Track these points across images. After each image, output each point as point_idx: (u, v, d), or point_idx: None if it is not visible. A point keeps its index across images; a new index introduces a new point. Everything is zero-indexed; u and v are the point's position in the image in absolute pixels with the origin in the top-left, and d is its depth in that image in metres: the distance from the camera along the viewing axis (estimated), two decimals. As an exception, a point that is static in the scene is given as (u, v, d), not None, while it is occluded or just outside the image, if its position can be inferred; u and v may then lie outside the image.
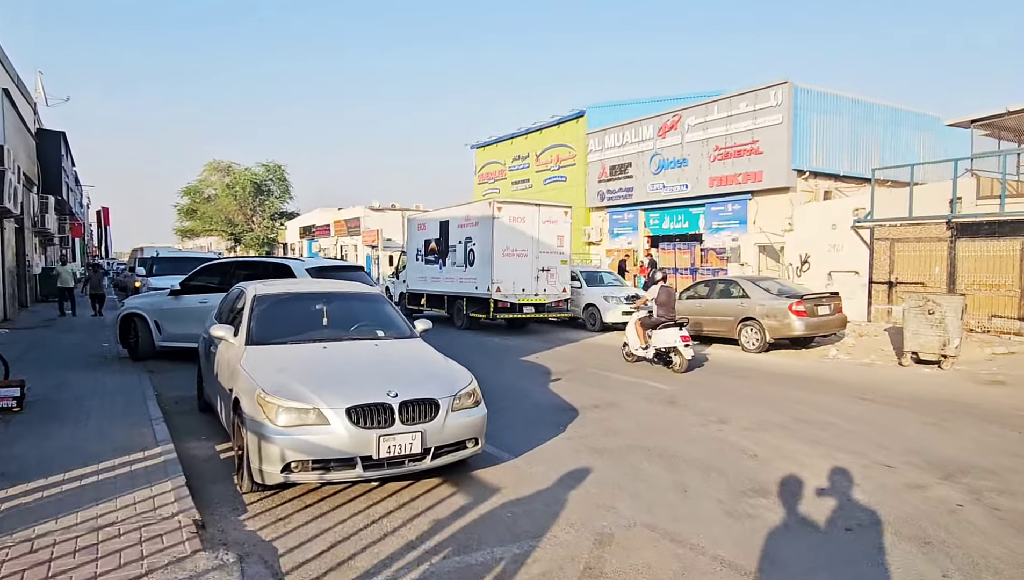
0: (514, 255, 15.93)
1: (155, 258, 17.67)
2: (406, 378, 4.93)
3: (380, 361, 5.26)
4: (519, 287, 15.84)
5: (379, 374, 4.93)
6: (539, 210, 17.12)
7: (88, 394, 7.56)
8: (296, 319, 5.96)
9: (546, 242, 16.60)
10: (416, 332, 6.17)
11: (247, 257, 12.27)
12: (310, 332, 5.80)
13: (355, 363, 5.15)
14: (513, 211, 16.58)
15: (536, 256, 16.29)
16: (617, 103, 34.78)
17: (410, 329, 6.17)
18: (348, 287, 6.67)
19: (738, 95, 25.89)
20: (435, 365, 5.35)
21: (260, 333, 5.53)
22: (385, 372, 4.99)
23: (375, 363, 5.19)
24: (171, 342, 10.71)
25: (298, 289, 6.32)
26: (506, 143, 40.78)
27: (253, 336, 5.48)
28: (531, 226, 16.50)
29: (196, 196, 59.18)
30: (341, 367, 5.03)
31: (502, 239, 15.91)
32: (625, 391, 8.94)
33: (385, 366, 5.16)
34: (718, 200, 27.38)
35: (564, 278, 16.80)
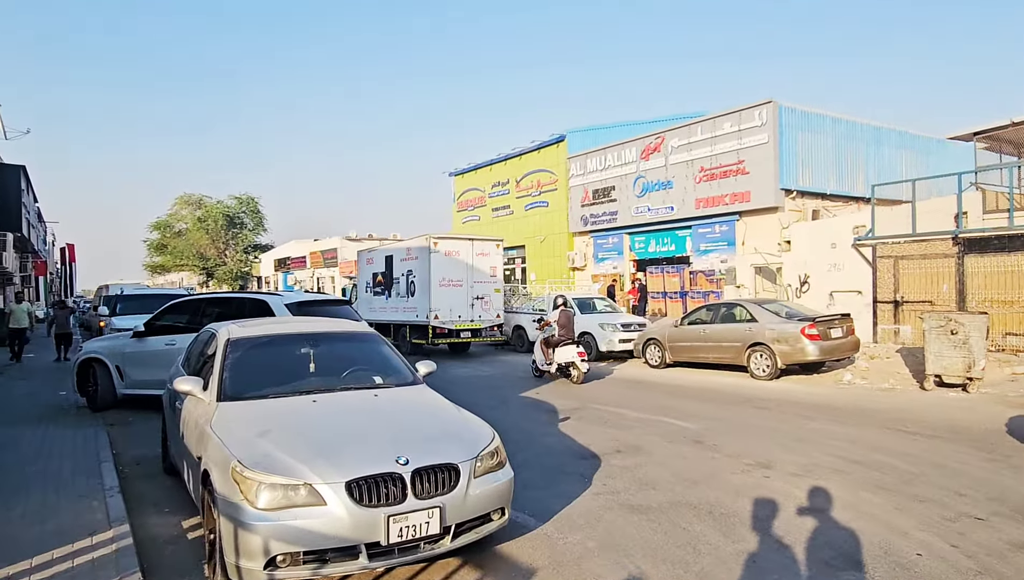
0: (450, 285, 17.49)
1: (119, 296, 16.45)
2: (416, 438, 4.04)
3: (383, 417, 4.35)
4: (456, 314, 17.37)
5: (383, 434, 4.03)
6: (472, 244, 18.60)
7: (33, 457, 6.50)
8: (278, 367, 5.04)
9: (480, 273, 18.15)
10: (420, 377, 5.29)
11: (219, 293, 11.26)
12: (295, 382, 4.88)
13: (352, 421, 4.24)
14: (448, 246, 18.07)
15: (471, 285, 17.84)
16: (597, 127, 34.51)
17: (412, 373, 5.28)
18: (337, 326, 5.77)
19: (722, 115, 25.64)
20: (449, 419, 4.46)
21: (235, 386, 4.60)
22: (390, 431, 4.10)
23: (377, 420, 4.29)
24: (135, 389, 9.64)
25: (279, 330, 5.40)
26: (485, 170, 40.24)
27: (226, 390, 4.55)
28: (465, 258, 18.07)
29: (166, 230, 57.64)
30: (336, 427, 4.12)
31: (438, 271, 17.46)
32: (644, 431, 8.09)
33: (389, 423, 4.25)
34: (705, 222, 26.95)
35: (497, 305, 18.35)
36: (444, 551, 3.81)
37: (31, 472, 5.87)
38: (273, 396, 4.54)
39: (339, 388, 4.78)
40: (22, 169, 24.17)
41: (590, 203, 32.39)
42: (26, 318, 16.11)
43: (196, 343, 5.95)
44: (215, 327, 5.56)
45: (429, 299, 17.19)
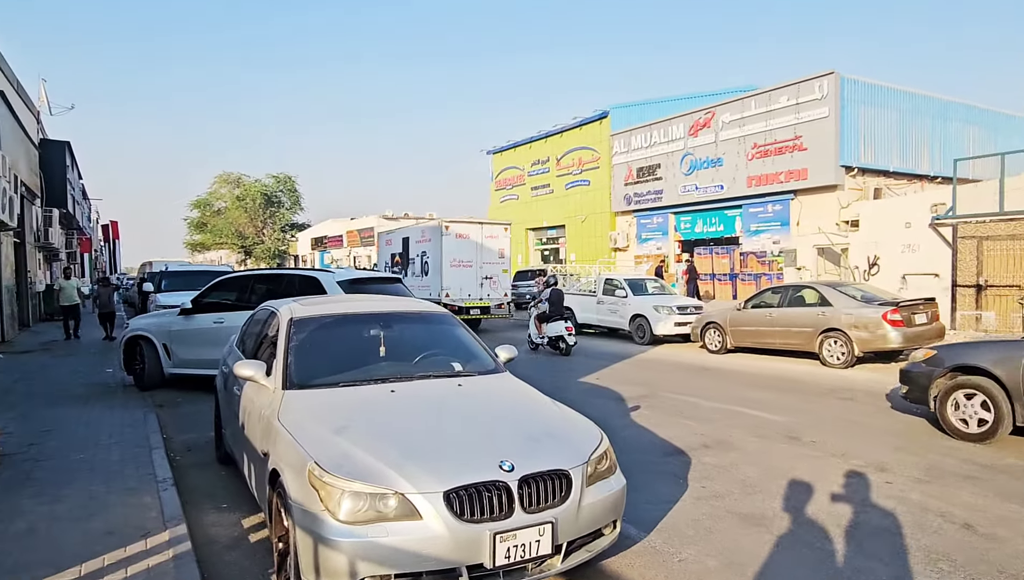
0: (460, 266, 18.70)
1: (164, 273, 16.22)
2: (517, 438, 3.44)
3: (473, 411, 3.76)
4: (465, 293, 18.45)
5: (478, 433, 3.45)
6: (482, 227, 20.05)
7: (79, 442, 6.11)
8: (346, 350, 4.49)
9: (488, 254, 19.51)
10: (501, 363, 4.68)
11: (268, 269, 10.83)
12: (366, 368, 4.32)
13: (440, 416, 3.65)
14: (459, 229, 19.44)
15: (480, 266, 19.10)
16: (642, 102, 33.32)
17: (494, 359, 4.68)
18: (407, 305, 5.19)
19: (779, 88, 24.36)
20: (549, 415, 3.85)
21: (302, 372, 4.05)
22: (485, 429, 3.51)
23: (468, 415, 3.70)
24: (182, 369, 9.29)
25: (345, 309, 4.82)
26: (524, 147, 39.36)
27: (292, 376, 4.00)
28: (475, 241, 19.44)
29: (206, 209, 58.13)
30: (422, 423, 3.54)
31: (450, 252, 18.83)
32: (727, 423, 7.41)
33: (482, 419, 3.66)
34: (757, 201, 25.80)
35: (504, 284, 19.69)
36: (554, 573, 3.22)
37: (77, 460, 5.46)
38: (344, 384, 3.98)
39: (417, 376, 4.19)
40: (67, 145, 24.19)
41: (634, 181, 31.38)
42: (75, 294, 15.63)
43: (253, 322, 5.44)
44: (274, 305, 5.03)
45: (441, 278, 18.32)
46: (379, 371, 4.26)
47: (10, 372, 10.71)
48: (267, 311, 5.12)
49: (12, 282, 16.79)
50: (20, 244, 18.42)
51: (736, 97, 26.42)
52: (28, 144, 19.05)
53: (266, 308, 5.20)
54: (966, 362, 6.64)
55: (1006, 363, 6.30)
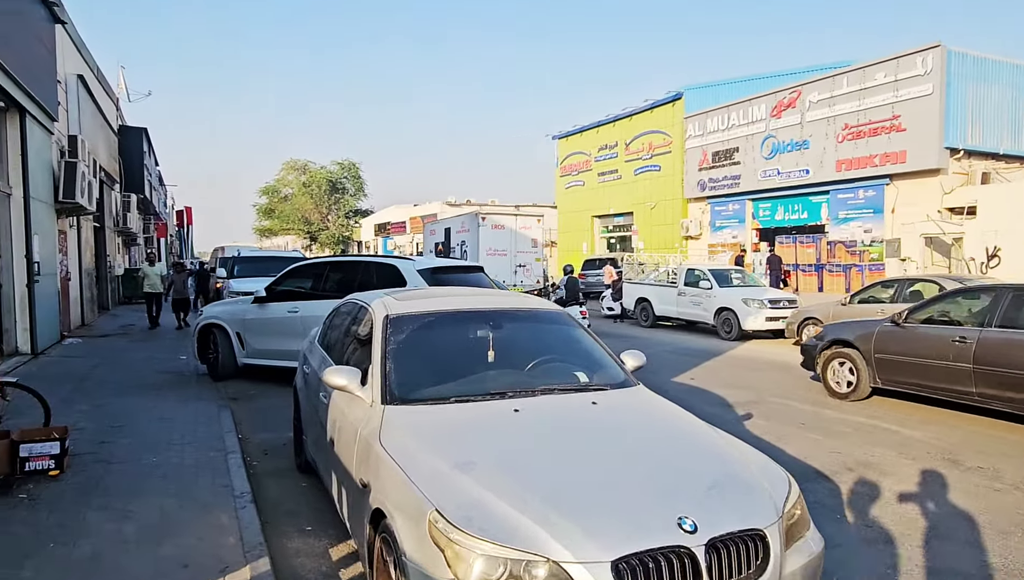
0: (496, 254, 19.71)
1: (236, 258, 16.03)
2: (691, 482, 2.65)
3: (622, 440, 2.98)
4: (500, 279, 19.23)
5: (640, 473, 2.67)
6: (516, 219, 21.89)
7: (152, 441, 5.67)
8: (451, 355, 3.79)
9: (522, 243, 20.93)
10: (630, 373, 3.89)
11: (344, 256, 10.35)
12: (475, 377, 3.62)
13: (584, 446, 2.89)
14: (495, 220, 21.34)
15: (514, 254, 20.19)
16: (718, 83, 31.61)
17: (622, 369, 3.90)
18: (513, 301, 4.44)
19: (875, 64, 22.48)
20: (718, 448, 3.02)
21: (405, 383, 3.37)
22: (646, 467, 2.74)
23: (617, 445, 2.92)
24: (256, 359, 8.89)
25: (447, 305, 4.12)
26: (591, 132, 38.17)
27: (394, 388, 3.32)
28: (509, 231, 21.02)
29: (274, 195, 59.35)
30: (564, 456, 2.79)
31: (486, 242, 20.20)
32: (864, 439, 6.42)
33: (639, 452, 2.89)
34: (846, 186, 24.00)
35: (537, 272, 20.65)
36: (746, 666, 2.43)
37: (149, 465, 4.98)
38: (456, 399, 3.27)
39: (539, 390, 3.45)
40: (144, 131, 24.63)
41: (709, 166, 29.85)
42: (159, 281, 15.14)
43: (338, 316, 4.82)
44: (364, 298, 4.37)
45: None
46: (493, 382, 3.54)
47: (88, 357, 10.61)
48: (355, 305, 4.47)
49: (92, 266, 17.04)
50: (100, 229, 18.73)
51: (826, 75, 24.60)
52: (108, 130, 19.32)
53: (354, 302, 4.55)
54: (839, 337, 8.29)
55: (864, 337, 7.94)
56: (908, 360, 7.42)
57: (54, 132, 11.94)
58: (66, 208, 12.71)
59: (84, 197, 12.63)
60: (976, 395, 6.80)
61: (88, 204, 13.14)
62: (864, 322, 8.46)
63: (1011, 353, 6.45)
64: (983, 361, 6.68)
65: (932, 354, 7.16)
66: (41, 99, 10.54)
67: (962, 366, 6.84)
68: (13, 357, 9.80)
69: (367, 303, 4.17)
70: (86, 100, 14.81)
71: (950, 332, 7.13)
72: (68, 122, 13.55)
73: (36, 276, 10.25)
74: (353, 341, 4.16)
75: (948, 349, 7.00)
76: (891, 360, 7.60)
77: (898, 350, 7.55)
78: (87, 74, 15.26)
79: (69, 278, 13.52)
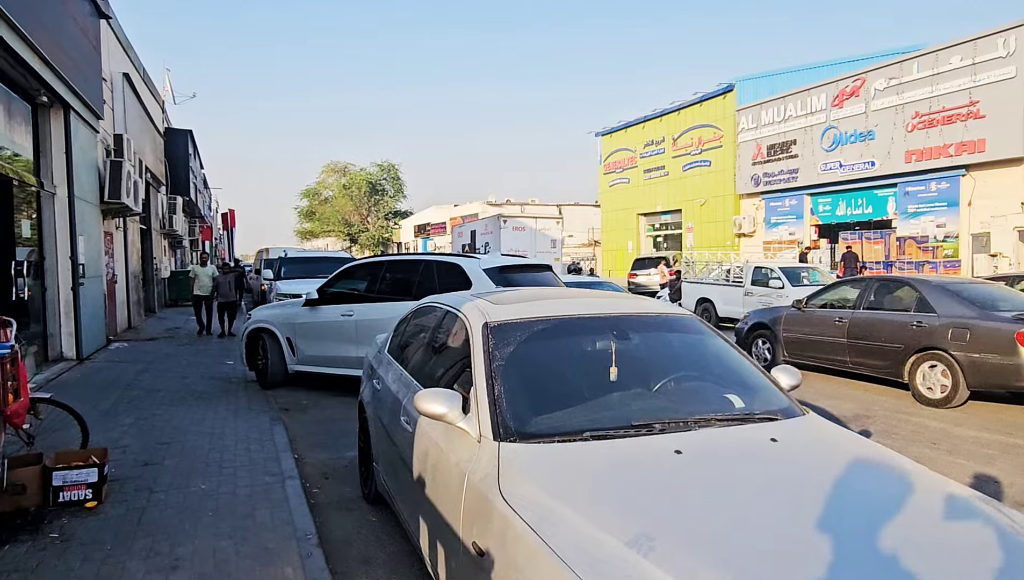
0: (516, 254, 20.27)
1: (283, 259, 15.55)
2: (971, 570, 1.82)
3: (843, 501, 2.13)
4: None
5: (897, 560, 1.85)
6: (536, 221, 23.97)
7: (201, 463, 5.05)
8: (569, 373, 3.03)
9: (541, 245, 22.75)
10: (793, 397, 3.06)
11: (402, 254, 9.68)
12: (602, 400, 2.85)
13: (790, 509, 2.06)
14: (515, 222, 23.55)
15: (534, 255, 21.57)
16: (773, 73, 30.26)
17: (780, 390, 3.07)
18: (629, 304, 3.64)
19: (949, 47, 21.03)
20: (974, 511, 2.18)
21: (522, 412, 2.60)
22: (911, 550, 1.89)
23: (843, 511, 2.06)
24: (308, 366, 8.29)
25: (555, 310, 3.32)
26: (636, 128, 37.06)
27: (508, 419, 2.55)
28: (529, 233, 23.04)
29: (314, 198, 59.70)
30: (770, 527, 1.97)
31: (507, 243, 22.21)
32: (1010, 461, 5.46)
33: (876, 521, 2.04)
34: (916, 178, 22.53)
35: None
36: None
37: (198, 494, 4.35)
38: (592, 435, 2.49)
39: (693, 421, 2.64)
40: (189, 133, 24.57)
41: (763, 160, 28.54)
42: (210, 283, 13.83)
43: (415, 323, 4.11)
44: (449, 302, 3.64)
45: None
46: (630, 410, 2.77)
47: (134, 362, 10.19)
48: (438, 309, 3.74)
49: (138, 268, 16.83)
50: (146, 231, 18.57)
51: (893, 60, 23.16)
52: (154, 131, 19.17)
53: (436, 305, 3.83)
54: (759, 321, 10.13)
55: (775, 321, 9.75)
56: (806, 338, 9.22)
57: (99, 131, 11.60)
58: (112, 209, 12.39)
59: (130, 197, 12.28)
60: (849, 363, 8.66)
61: (134, 205, 12.81)
62: (775, 308, 10.55)
63: (871, 329, 8.33)
64: (853, 336, 8.53)
65: (822, 332, 8.98)
66: (86, 96, 10.17)
67: (840, 341, 8.70)
68: (58, 363, 9.42)
69: (455, 307, 3.44)
70: (132, 99, 14.54)
71: (833, 314, 8.96)
72: (114, 121, 13.27)
73: (81, 278, 9.87)
74: (439, 354, 3.43)
75: (832, 328, 8.83)
76: (795, 339, 9.39)
77: (799, 330, 9.34)
78: (132, 73, 15.01)
79: (115, 281, 13.22)
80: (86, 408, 6.93)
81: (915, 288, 8.18)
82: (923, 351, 7.63)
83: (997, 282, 9.74)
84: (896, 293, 8.44)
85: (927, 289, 8.01)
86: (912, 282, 8.42)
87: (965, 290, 7.93)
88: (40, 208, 9.36)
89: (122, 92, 13.59)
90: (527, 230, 24.38)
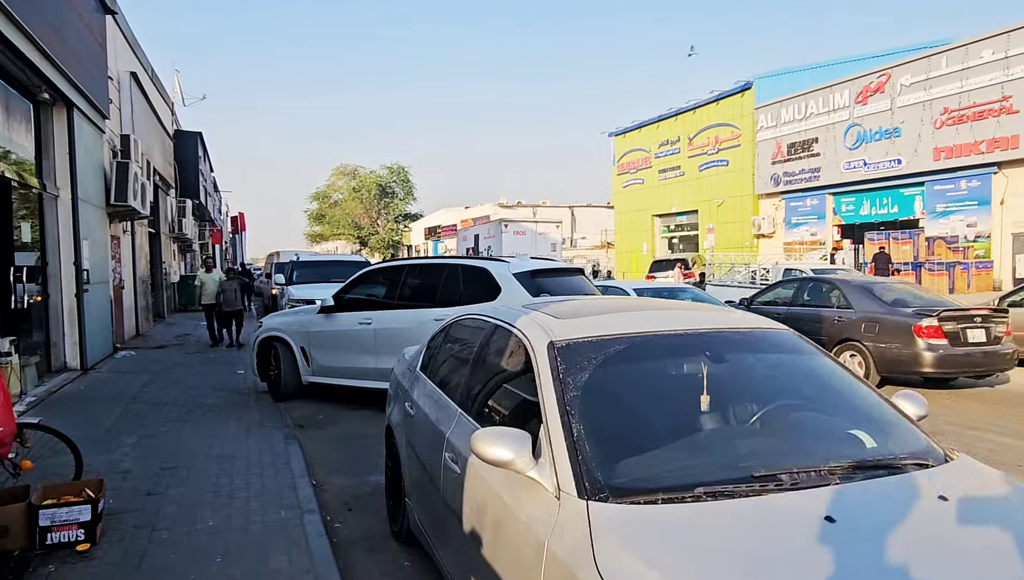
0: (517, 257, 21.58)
1: (295, 263, 14.97)
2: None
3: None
4: None
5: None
6: (536, 225, 25.11)
7: (209, 491, 4.54)
8: (653, 405, 2.47)
9: (540, 248, 22.94)
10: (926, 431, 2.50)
11: (425, 258, 9.15)
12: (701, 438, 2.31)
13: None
14: (515, 227, 24.53)
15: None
16: (793, 70, 29.57)
17: (913, 423, 2.51)
18: (715, 316, 3.07)
19: (980, 40, 20.32)
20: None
21: (612, 461, 2.05)
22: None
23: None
24: (323, 377, 7.79)
25: (630, 325, 2.71)
26: (651, 127, 36.40)
27: (596, 470, 2.00)
28: (529, 237, 23.71)
29: (324, 201, 59.36)
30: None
31: (508, 246, 22.65)
32: None
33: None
34: (946, 176, 21.80)
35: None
36: None
37: (205, 532, 3.83)
38: (706, 491, 1.93)
39: (828, 471, 2.06)
40: (199, 136, 24.21)
41: (783, 159, 27.84)
42: (216, 290, 12.79)
43: (454, 338, 3.57)
44: (499, 316, 3.08)
45: None
46: (742, 454, 2.22)
47: (141, 372, 9.73)
48: (484, 323, 3.19)
49: (147, 273, 16.42)
50: (155, 235, 18.17)
51: (920, 55, 22.46)
52: (163, 133, 18.79)
53: (480, 319, 3.28)
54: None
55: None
56: None
57: (105, 131, 11.17)
58: (118, 212, 11.95)
59: (137, 200, 11.84)
60: None
61: (141, 208, 12.37)
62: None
63: (802, 323, 8.31)
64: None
65: None
66: (91, 94, 9.73)
67: None
68: (61, 373, 8.96)
69: (508, 322, 2.89)
70: (139, 99, 14.12)
71: (773, 310, 9.63)
72: (121, 121, 12.84)
73: (85, 285, 9.41)
74: (489, 379, 2.89)
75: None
76: None
77: None
78: (140, 72, 14.60)
79: (123, 286, 12.78)
80: (87, 425, 6.46)
81: (838, 287, 9.44)
82: (842, 342, 8.82)
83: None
84: (824, 292, 9.72)
85: (848, 288, 9.29)
86: (837, 282, 9.71)
87: (879, 289, 9.24)
88: (42, 211, 8.91)
89: (129, 92, 13.16)
90: (528, 234, 25.22)
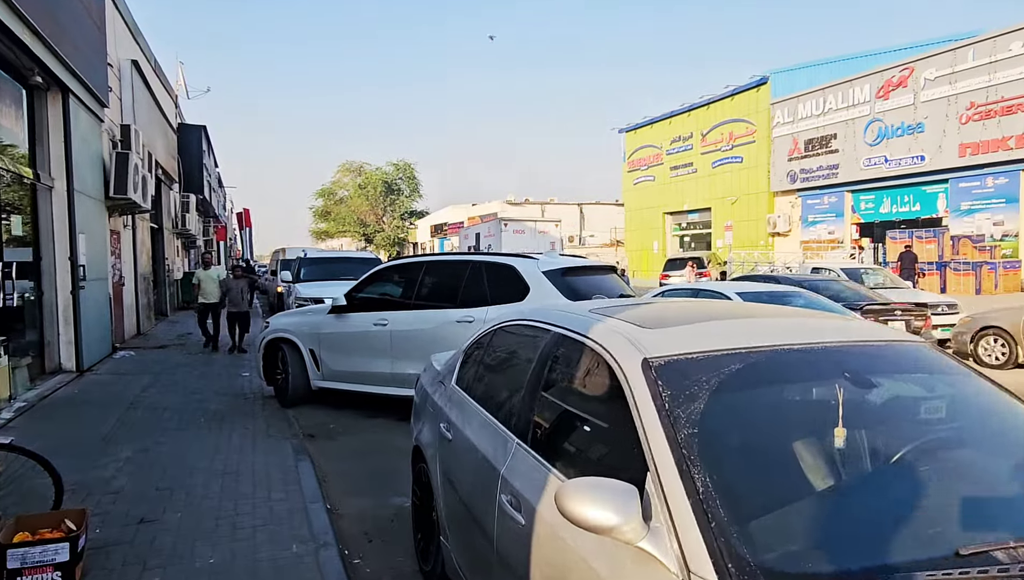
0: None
1: (302, 259, 14.36)
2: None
3: None
4: None
5: None
6: (535, 224, 25.36)
7: (210, 518, 4.00)
8: (788, 443, 1.90)
9: (541, 246, 22.77)
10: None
11: (445, 254, 8.57)
12: (854, 493, 1.74)
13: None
14: (515, 226, 24.95)
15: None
16: (810, 64, 28.85)
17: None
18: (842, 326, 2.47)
19: (1008, 33, 19.63)
20: None
21: (756, 529, 1.51)
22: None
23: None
24: (334, 382, 7.25)
25: (743, 337, 2.14)
26: (662, 123, 35.74)
27: (738, 545, 1.45)
28: (529, 235, 24.07)
29: (329, 198, 58.88)
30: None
31: (508, 244, 22.74)
32: None
33: None
34: (971, 173, 21.14)
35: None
36: None
37: (204, 571, 3.29)
38: (899, 571, 1.38)
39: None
40: (203, 129, 23.70)
41: (800, 156, 27.18)
42: (216, 289, 11.81)
43: (503, 348, 3.01)
44: (564, 324, 2.49)
45: None
46: (917, 515, 1.65)
47: (141, 374, 9.20)
48: (543, 331, 2.62)
49: (148, 270, 15.90)
50: (157, 230, 17.66)
51: (944, 48, 21.78)
52: (166, 126, 18.26)
53: (537, 325, 2.70)
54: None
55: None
56: None
57: (104, 120, 10.64)
58: (118, 205, 11.43)
59: (137, 193, 11.31)
60: None
61: (142, 201, 11.83)
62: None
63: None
64: None
65: None
66: (88, 79, 9.20)
67: None
68: (55, 376, 8.44)
69: (578, 332, 2.32)
70: (141, 88, 13.59)
71: None
72: (121, 111, 12.31)
73: (81, 281, 8.89)
74: (556, 404, 2.31)
75: None
76: None
77: None
78: (142, 61, 14.07)
79: (123, 283, 12.26)
80: (78, 434, 5.93)
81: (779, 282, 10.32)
82: None
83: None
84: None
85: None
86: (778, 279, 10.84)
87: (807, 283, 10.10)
88: (36, 202, 8.39)
89: (130, 80, 12.63)
90: (527, 232, 25.70)
